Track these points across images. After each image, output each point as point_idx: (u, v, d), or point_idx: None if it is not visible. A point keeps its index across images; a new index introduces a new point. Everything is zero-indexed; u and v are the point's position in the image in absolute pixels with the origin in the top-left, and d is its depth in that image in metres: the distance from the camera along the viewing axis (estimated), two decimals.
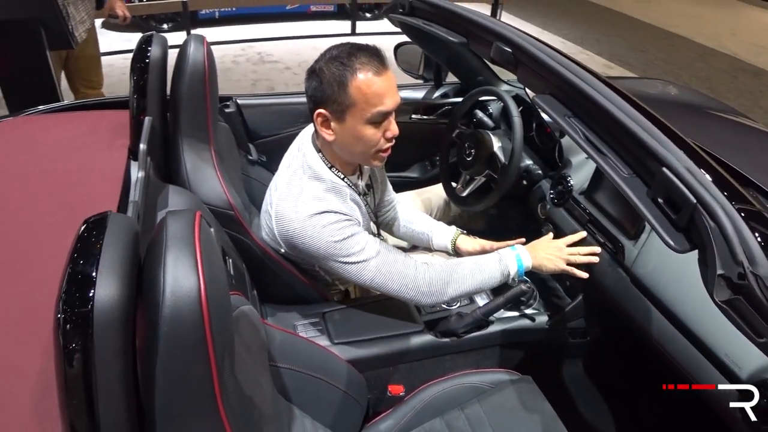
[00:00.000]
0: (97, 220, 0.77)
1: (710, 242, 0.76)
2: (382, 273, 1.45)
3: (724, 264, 0.75)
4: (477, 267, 1.52)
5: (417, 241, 1.94)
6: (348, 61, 1.31)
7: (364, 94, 1.31)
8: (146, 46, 1.56)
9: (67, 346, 0.66)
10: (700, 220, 0.77)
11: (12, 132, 1.76)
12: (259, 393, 1.10)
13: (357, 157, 1.47)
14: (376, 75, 1.31)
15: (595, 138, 0.96)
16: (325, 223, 1.40)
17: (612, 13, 9.54)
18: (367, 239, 1.46)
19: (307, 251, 1.45)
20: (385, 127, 1.39)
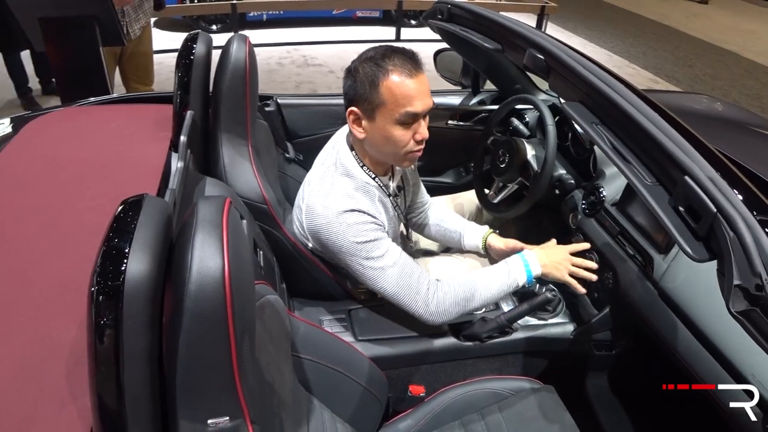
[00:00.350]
0: (133, 201, 0.81)
1: (728, 252, 0.76)
2: (397, 285, 1.47)
3: (742, 274, 0.74)
4: (486, 283, 1.53)
5: (449, 241, 1.95)
6: (381, 62, 1.35)
7: (394, 95, 1.34)
8: (191, 44, 1.63)
9: (98, 317, 0.71)
10: (720, 229, 0.77)
11: (63, 121, 1.84)
12: (279, 380, 1.13)
13: (387, 157, 1.49)
14: (407, 77, 1.34)
15: (621, 146, 0.97)
16: (351, 222, 1.43)
17: (660, 26, 9.37)
18: (389, 247, 1.48)
19: (330, 247, 1.48)
20: (415, 130, 1.40)
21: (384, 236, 1.48)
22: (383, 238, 1.48)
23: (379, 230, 1.47)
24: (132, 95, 2.20)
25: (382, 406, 1.52)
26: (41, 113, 1.92)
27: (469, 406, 1.56)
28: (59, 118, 1.87)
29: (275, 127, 2.16)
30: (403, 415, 1.59)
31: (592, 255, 1.76)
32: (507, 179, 2.00)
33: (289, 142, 2.29)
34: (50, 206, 1.35)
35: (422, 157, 1.89)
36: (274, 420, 1.06)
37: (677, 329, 1.43)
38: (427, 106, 1.39)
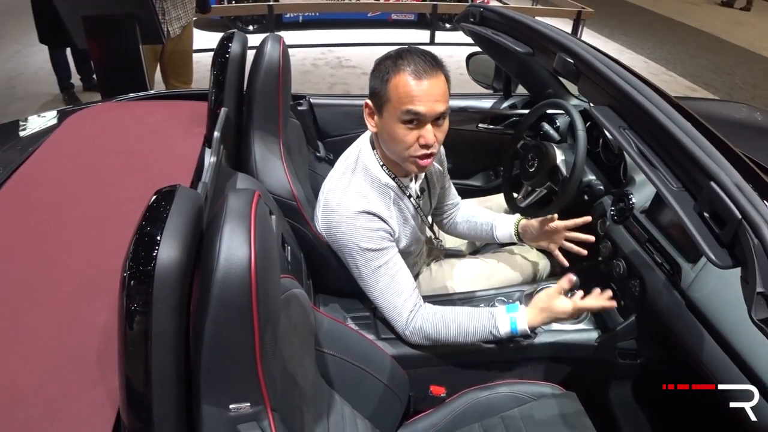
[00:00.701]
0: (167, 191, 0.84)
1: (752, 259, 0.75)
2: (384, 298, 1.51)
3: (765, 282, 0.74)
4: (464, 333, 1.53)
5: (480, 235, 1.95)
6: (396, 60, 1.37)
7: (398, 93, 1.35)
8: (227, 43, 1.67)
9: (129, 301, 0.74)
10: (745, 236, 0.77)
11: (102, 115, 1.91)
12: (302, 373, 1.16)
13: (394, 156, 1.48)
14: (414, 77, 1.33)
15: (648, 151, 0.97)
16: (360, 225, 1.45)
17: (700, 33, 9.18)
18: (389, 259, 1.50)
19: (336, 242, 1.52)
20: (420, 133, 1.38)
21: (389, 246, 1.51)
22: (387, 248, 1.50)
23: (385, 239, 1.49)
24: (169, 92, 2.26)
25: (403, 404, 1.53)
26: (83, 107, 1.98)
27: (490, 409, 1.56)
28: (99, 112, 1.93)
29: (307, 126, 2.20)
30: (424, 415, 1.60)
31: (620, 262, 1.75)
32: (536, 183, 1.99)
33: (321, 141, 2.32)
34: (88, 195, 1.40)
35: (451, 160, 1.91)
36: (295, 412, 1.08)
37: (704, 340, 1.41)
38: (433, 110, 1.35)
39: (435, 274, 1.90)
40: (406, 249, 1.63)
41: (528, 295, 1.82)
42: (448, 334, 1.51)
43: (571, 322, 1.76)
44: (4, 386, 0.89)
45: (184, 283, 0.77)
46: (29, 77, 5.41)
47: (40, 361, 0.94)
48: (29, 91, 5.11)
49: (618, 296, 1.80)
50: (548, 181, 1.96)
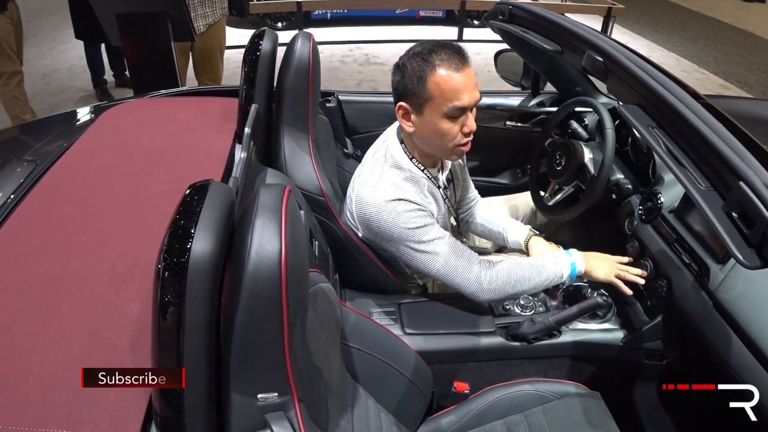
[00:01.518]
0: (200, 185, 0.87)
1: None
2: (449, 265, 1.51)
3: None
4: (535, 270, 1.58)
5: (494, 238, 1.98)
6: (428, 57, 1.38)
7: (441, 89, 1.37)
8: (258, 41, 1.69)
9: (163, 291, 0.76)
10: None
11: (135, 111, 1.95)
12: (327, 366, 1.18)
13: (436, 150, 1.52)
14: (454, 71, 1.36)
15: (676, 149, 0.96)
16: (401, 210, 1.47)
17: (734, 30, 8.96)
18: (438, 232, 1.52)
19: (382, 235, 1.53)
20: (462, 122, 1.43)
21: (432, 222, 1.52)
22: (432, 224, 1.52)
23: (427, 216, 1.51)
24: (200, 89, 2.30)
25: (427, 399, 1.54)
26: (117, 103, 2.03)
27: (513, 407, 1.57)
28: (132, 108, 1.98)
29: (335, 123, 2.22)
30: (447, 411, 1.61)
31: (647, 262, 1.73)
32: (563, 182, 1.98)
33: (348, 137, 2.34)
34: (122, 189, 1.43)
35: (478, 158, 1.92)
36: (320, 403, 1.10)
37: (731, 342, 1.39)
38: (474, 98, 1.41)
39: None
40: None
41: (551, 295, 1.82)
42: (522, 271, 1.57)
43: (597, 321, 1.76)
44: (41, 373, 0.93)
45: (216, 274, 0.79)
46: (63, 73, 5.53)
47: (75, 349, 0.97)
48: (63, 87, 5.23)
49: (645, 296, 1.79)
50: (575, 179, 1.94)
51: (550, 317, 1.63)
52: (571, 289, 1.82)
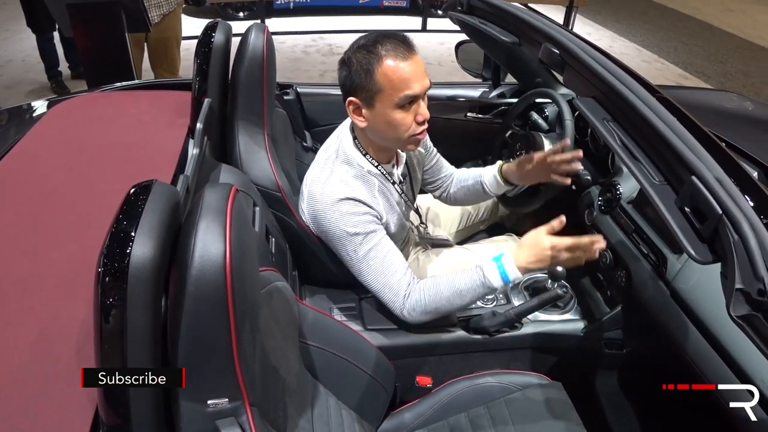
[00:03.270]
0: (143, 186, 0.84)
1: (732, 255, 0.75)
2: (378, 281, 1.49)
3: (744, 278, 0.73)
4: (458, 293, 1.47)
5: (475, 194, 1.91)
6: (374, 49, 1.36)
7: (391, 80, 1.35)
8: (211, 32, 1.65)
9: (104, 296, 0.73)
10: (725, 231, 0.76)
11: (86, 106, 1.89)
12: (285, 366, 1.15)
13: (391, 143, 1.49)
14: (401, 60, 1.34)
15: (631, 143, 0.96)
16: (345, 211, 1.45)
17: (694, 21, 9.14)
18: (378, 241, 1.48)
19: (325, 232, 1.51)
20: (415, 111, 1.40)
21: (377, 229, 1.49)
22: (375, 231, 1.48)
23: (372, 222, 1.48)
24: (154, 82, 2.24)
25: (389, 395, 1.54)
26: (66, 98, 1.96)
27: (476, 399, 1.57)
28: (83, 103, 1.91)
29: (294, 116, 2.18)
30: (410, 405, 1.60)
31: (606, 253, 1.75)
32: None
33: (308, 131, 2.31)
34: (70, 188, 1.38)
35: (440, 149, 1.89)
36: (278, 405, 1.08)
37: (688, 331, 1.42)
38: (425, 86, 1.39)
39: (422, 264, 1.90)
40: (393, 236, 1.63)
41: (514, 287, 1.82)
42: (443, 300, 1.46)
43: (558, 312, 1.77)
44: None
45: (158, 279, 0.76)
46: (17, 65, 5.35)
47: (19, 357, 0.94)
48: (17, 78, 5.06)
49: (604, 287, 1.81)
50: None
51: (510, 310, 1.64)
52: (532, 281, 1.83)
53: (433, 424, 1.55)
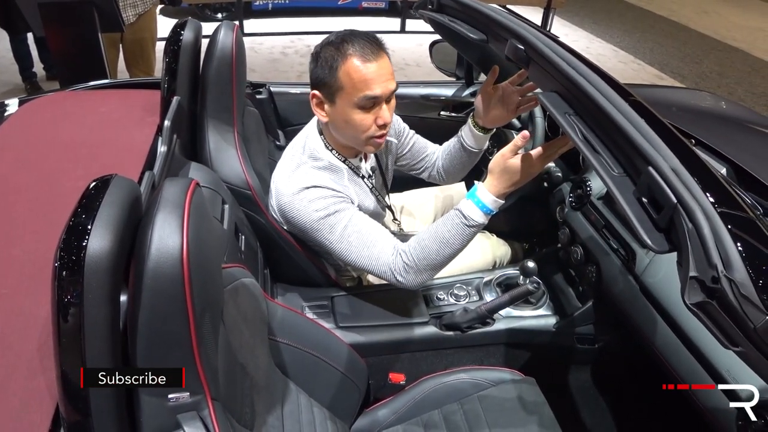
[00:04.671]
0: (103, 180, 0.83)
1: (686, 243, 0.76)
2: (362, 256, 1.46)
3: (699, 266, 0.75)
4: (445, 242, 1.38)
5: (459, 156, 1.81)
6: (341, 46, 1.36)
7: (352, 79, 1.35)
8: (180, 31, 1.64)
9: (60, 290, 0.72)
10: (680, 220, 0.78)
11: (56, 105, 1.87)
12: (252, 362, 1.15)
13: (350, 141, 1.49)
14: (365, 61, 1.34)
15: (592, 137, 0.97)
16: (312, 197, 1.44)
17: (669, 23, 9.29)
18: (351, 217, 1.45)
19: (297, 225, 1.50)
20: (376, 114, 1.40)
21: (346, 207, 1.46)
22: (345, 210, 1.46)
23: (342, 202, 1.46)
24: (126, 81, 2.23)
25: (362, 392, 1.54)
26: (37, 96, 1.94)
27: (449, 396, 1.58)
28: (52, 102, 1.89)
29: (267, 115, 2.17)
30: (383, 403, 1.60)
31: (577, 248, 1.77)
32: None
33: (281, 130, 2.30)
34: (36, 187, 1.37)
35: None
36: (245, 400, 1.08)
37: (656, 324, 1.44)
38: (388, 90, 1.38)
39: None
40: None
41: (486, 283, 1.83)
42: (432, 253, 1.39)
43: (530, 308, 1.78)
44: None
45: (116, 272, 0.75)
46: None
47: None
48: None
49: (576, 282, 1.83)
50: None
51: (482, 306, 1.65)
52: (504, 278, 1.84)
53: (407, 421, 1.55)
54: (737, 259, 0.73)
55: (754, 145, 2.37)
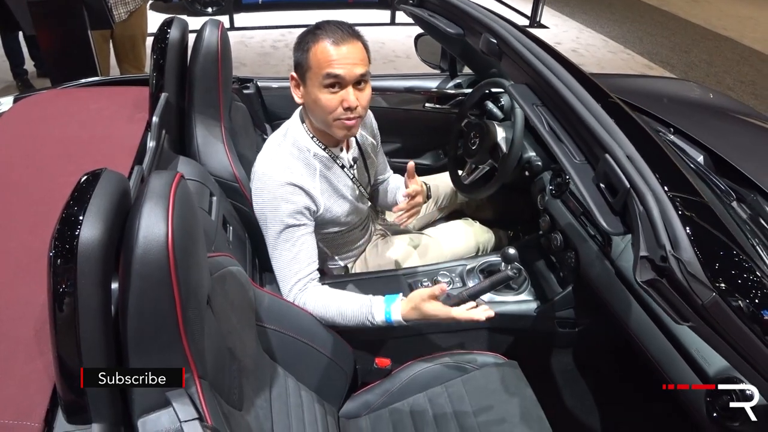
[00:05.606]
0: (94, 174, 0.88)
1: (637, 225, 0.81)
2: (281, 268, 1.57)
3: (648, 246, 0.80)
4: (342, 316, 1.52)
5: (390, 197, 2.02)
6: (315, 30, 1.44)
7: (318, 59, 1.42)
8: (167, 28, 1.68)
9: (55, 277, 0.77)
10: (632, 204, 0.83)
11: (47, 102, 1.91)
12: (240, 347, 1.20)
13: (320, 124, 1.55)
14: (332, 43, 1.41)
15: (557, 126, 1.02)
16: (281, 196, 1.52)
17: (659, 12, 9.31)
18: (299, 237, 1.55)
19: (255, 207, 1.58)
20: (342, 97, 1.45)
21: (304, 223, 1.56)
22: (300, 226, 1.55)
23: (302, 215, 1.55)
24: (115, 78, 2.27)
25: (348, 376, 1.59)
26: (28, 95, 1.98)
27: (434, 379, 1.62)
28: (44, 99, 1.93)
29: (254, 110, 2.22)
30: (370, 387, 1.65)
31: (557, 235, 1.81)
32: (478, 161, 2.04)
33: (269, 123, 2.35)
34: (30, 182, 1.41)
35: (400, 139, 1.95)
36: (233, 383, 1.13)
37: (631, 306, 1.48)
38: (353, 73, 1.44)
39: (381, 250, 1.96)
40: (342, 219, 1.69)
41: (470, 270, 1.88)
42: (328, 314, 1.53)
43: (512, 293, 1.83)
44: None
45: (107, 259, 0.80)
46: None
47: None
48: None
49: (557, 268, 1.88)
50: (489, 158, 2.01)
51: (464, 291, 1.69)
52: (486, 264, 1.89)
53: (393, 404, 1.60)
54: (685, 239, 0.79)
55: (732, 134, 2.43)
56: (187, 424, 0.85)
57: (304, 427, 1.36)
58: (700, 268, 0.78)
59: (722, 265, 0.80)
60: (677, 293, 0.80)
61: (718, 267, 0.79)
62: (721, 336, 0.82)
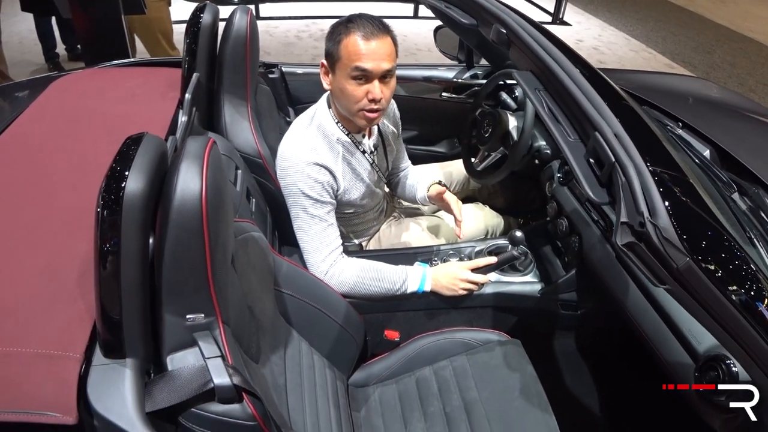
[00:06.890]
0: (135, 138, 0.98)
1: (619, 194, 0.90)
2: (312, 244, 1.66)
3: (629, 213, 0.89)
4: (380, 281, 1.69)
5: (409, 199, 2.14)
6: (348, 23, 1.52)
7: (348, 51, 1.50)
8: (199, 14, 1.79)
9: (102, 227, 0.88)
10: (616, 176, 0.92)
11: (84, 81, 2.03)
12: (259, 308, 1.30)
13: (345, 111, 1.63)
14: (362, 37, 1.49)
15: (556, 109, 1.11)
16: (308, 174, 1.61)
17: (685, 12, 9.23)
18: (326, 213, 1.66)
19: (284, 187, 1.67)
20: (368, 89, 1.54)
21: (329, 201, 1.66)
22: (327, 203, 1.65)
23: (327, 193, 1.65)
24: (147, 59, 2.38)
25: (359, 346, 1.68)
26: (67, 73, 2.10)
27: (440, 353, 1.71)
28: (81, 78, 2.05)
29: (278, 93, 2.33)
30: (379, 358, 1.75)
31: (563, 221, 1.89)
32: (489, 148, 2.13)
33: (292, 107, 2.46)
34: (70, 151, 1.53)
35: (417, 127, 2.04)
36: (251, 337, 1.23)
37: (629, 287, 1.54)
38: (380, 68, 1.51)
39: (394, 230, 2.05)
40: (359, 201, 1.78)
41: (478, 252, 1.96)
42: (366, 278, 1.67)
43: (518, 274, 1.91)
44: None
45: (148, 209, 0.91)
46: (13, 46, 5.43)
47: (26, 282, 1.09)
48: (14, 60, 5.14)
49: (562, 253, 1.95)
50: (501, 145, 2.09)
51: None
52: (494, 247, 1.97)
53: (400, 375, 1.69)
54: (661, 207, 0.87)
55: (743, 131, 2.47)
56: (210, 360, 0.96)
57: (315, 388, 1.46)
58: (676, 235, 0.86)
59: (697, 233, 0.88)
60: (654, 257, 0.89)
61: (693, 235, 0.87)
62: (696, 299, 0.90)
